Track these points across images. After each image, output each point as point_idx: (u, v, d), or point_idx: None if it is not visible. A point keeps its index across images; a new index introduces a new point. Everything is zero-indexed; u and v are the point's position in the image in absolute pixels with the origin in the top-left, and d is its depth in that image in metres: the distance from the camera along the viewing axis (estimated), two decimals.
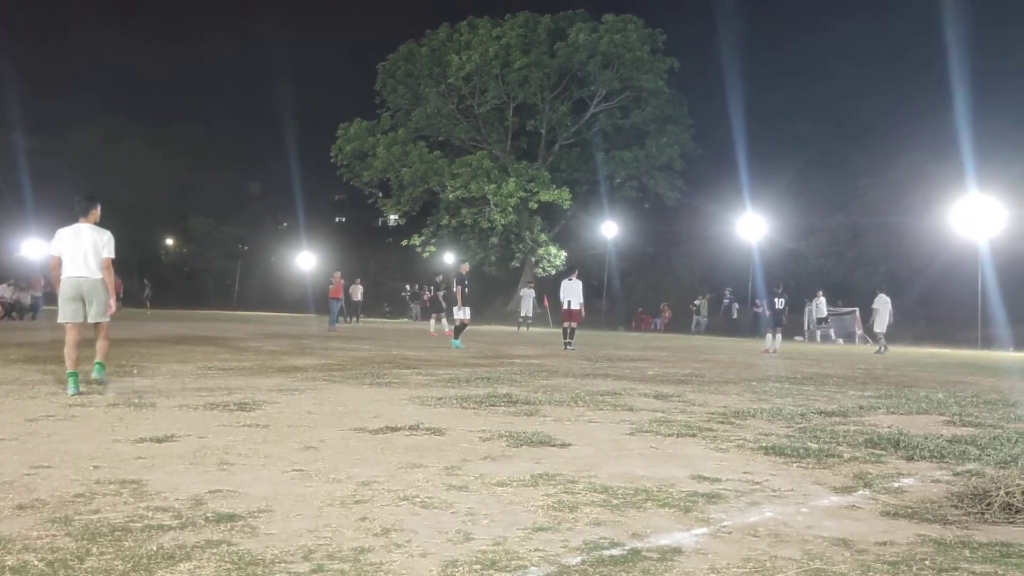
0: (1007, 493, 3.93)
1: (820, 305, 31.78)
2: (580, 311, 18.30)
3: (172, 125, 66.69)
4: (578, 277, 18.84)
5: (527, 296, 33.16)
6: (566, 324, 18.30)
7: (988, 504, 3.89)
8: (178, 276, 64.54)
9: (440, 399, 7.73)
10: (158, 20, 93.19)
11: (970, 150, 32.46)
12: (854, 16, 70.47)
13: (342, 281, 26.59)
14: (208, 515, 3.44)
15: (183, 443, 5.12)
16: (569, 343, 17.89)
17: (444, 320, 23.93)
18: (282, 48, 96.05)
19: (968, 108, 34.21)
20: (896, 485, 4.50)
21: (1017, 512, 3.79)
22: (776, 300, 21.31)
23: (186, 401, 7.11)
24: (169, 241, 66.73)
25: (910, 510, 3.91)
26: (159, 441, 5.15)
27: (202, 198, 63.34)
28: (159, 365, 10.66)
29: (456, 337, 17.67)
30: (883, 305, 22.30)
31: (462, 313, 17.90)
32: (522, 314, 32.63)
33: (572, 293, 18.32)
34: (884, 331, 22.15)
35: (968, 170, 31.73)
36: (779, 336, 20.91)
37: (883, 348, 22.04)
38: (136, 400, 7.07)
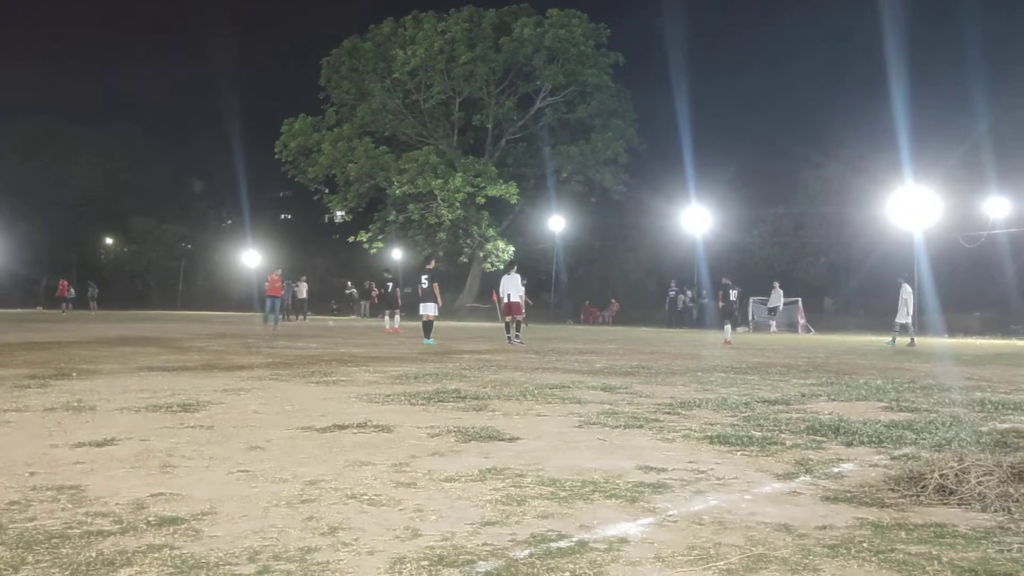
0: (941, 476, 4.05)
1: (776, 296, 32.26)
2: (521, 304, 18.31)
3: (110, 123, 65.16)
4: (516, 271, 18.87)
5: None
6: (508, 319, 18.33)
7: (923, 487, 4.01)
8: (119, 276, 63.11)
9: (388, 396, 7.70)
10: (95, 15, 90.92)
11: (907, 142, 33.34)
12: (796, 9, 71.76)
13: (280, 279, 26.31)
14: (150, 519, 3.38)
15: (124, 446, 5.01)
16: (517, 337, 17.91)
17: (397, 316, 23.88)
18: (224, 42, 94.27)
19: (905, 100, 35.12)
20: (836, 470, 4.60)
21: (951, 494, 3.91)
22: (730, 292, 21.46)
23: (128, 403, 6.95)
24: (109, 241, 65.22)
25: (849, 494, 4.00)
26: (99, 445, 5.03)
27: (143, 197, 62.02)
28: (100, 367, 10.41)
29: (428, 335, 17.58)
30: (909, 296, 21.42)
31: (433, 310, 17.86)
32: None
33: (511, 287, 18.32)
34: (909, 321, 21.23)
35: (904, 162, 32.59)
36: (729, 327, 21.29)
37: (912, 340, 21.21)
38: (75, 403, 6.90)
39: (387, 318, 23.97)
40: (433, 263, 19.14)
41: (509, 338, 17.98)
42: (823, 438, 5.64)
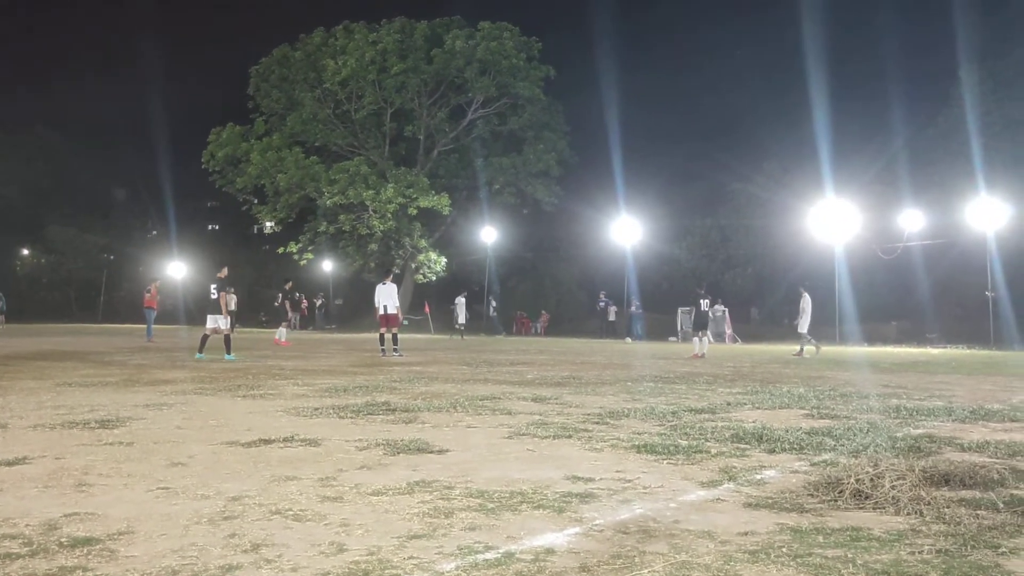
0: (857, 480, 4.18)
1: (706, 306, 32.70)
2: (397, 315, 17.86)
3: (28, 130, 62.82)
4: (393, 281, 18.55)
5: (460, 305, 33.76)
6: (383, 330, 17.47)
7: (841, 491, 4.13)
8: (35, 288, 60.83)
9: (317, 409, 7.59)
10: (14, 21, 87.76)
11: (827, 156, 34.42)
12: (722, 22, 73.40)
13: (157, 292, 25.56)
14: (62, 540, 3.26)
15: (37, 465, 4.83)
16: (396, 349, 17.16)
17: (283, 328, 24.02)
18: (150, 49, 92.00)
19: (825, 113, 36.28)
20: (758, 477, 4.71)
21: (866, 498, 4.04)
22: (701, 302, 20.95)
23: (42, 420, 6.71)
24: (25, 251, 62.84)
25: (771, 501, 4.10)
26: (9, 464, 4.84)
27: (63, 205, 59.97)
28: (12, 383, 10.01)
29: (229, 351, 15.84)
30: (808, 304, 21.21)
31: (225, 323, 16.21)
32: (458, 322, 33.55)
33: (387, 297, 17.62)
34: (805, 331, 20.90)
35: (825, 176, 33.63)
36: (706, 339, 20.20)
37: (817, 348, 21.29)
38: None
39: (283, 329, 23.90)
40: (225, 271, 16.95)
41: (383, 351, 17.20)
42: (747, 446, 5.77)
